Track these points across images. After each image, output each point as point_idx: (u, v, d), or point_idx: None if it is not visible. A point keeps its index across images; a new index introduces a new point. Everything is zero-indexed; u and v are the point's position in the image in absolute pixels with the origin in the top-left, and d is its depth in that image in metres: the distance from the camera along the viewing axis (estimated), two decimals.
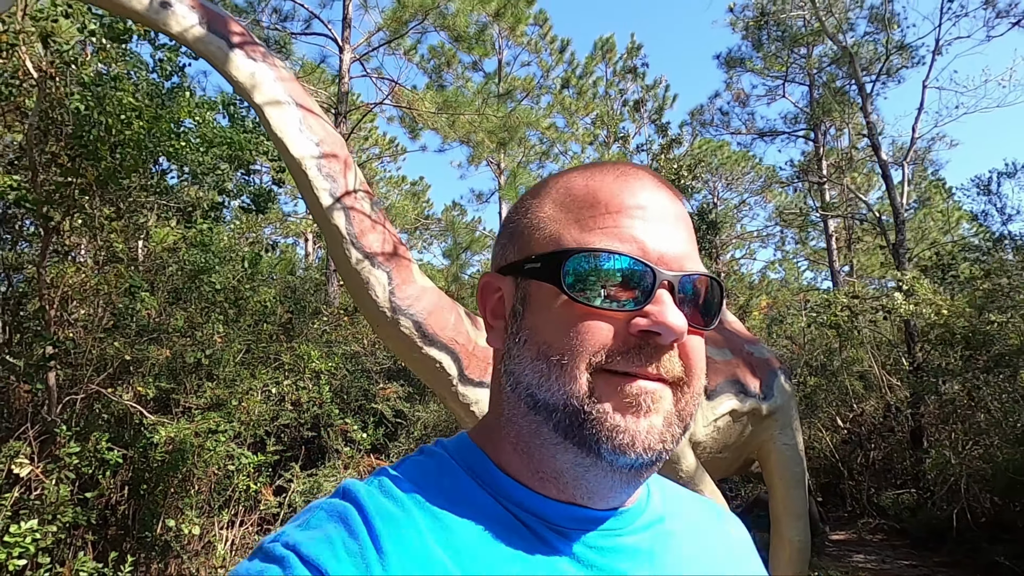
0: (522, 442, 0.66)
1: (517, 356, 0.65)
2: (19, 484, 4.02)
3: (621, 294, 0.62)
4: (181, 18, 3.36)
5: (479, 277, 0.85)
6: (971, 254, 6.98)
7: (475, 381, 4.11)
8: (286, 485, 5.83)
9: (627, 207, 0.65)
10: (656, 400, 0.61)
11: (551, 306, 0.63)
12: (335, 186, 3.67)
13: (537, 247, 0.67)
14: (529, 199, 0.73)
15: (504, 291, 0.70)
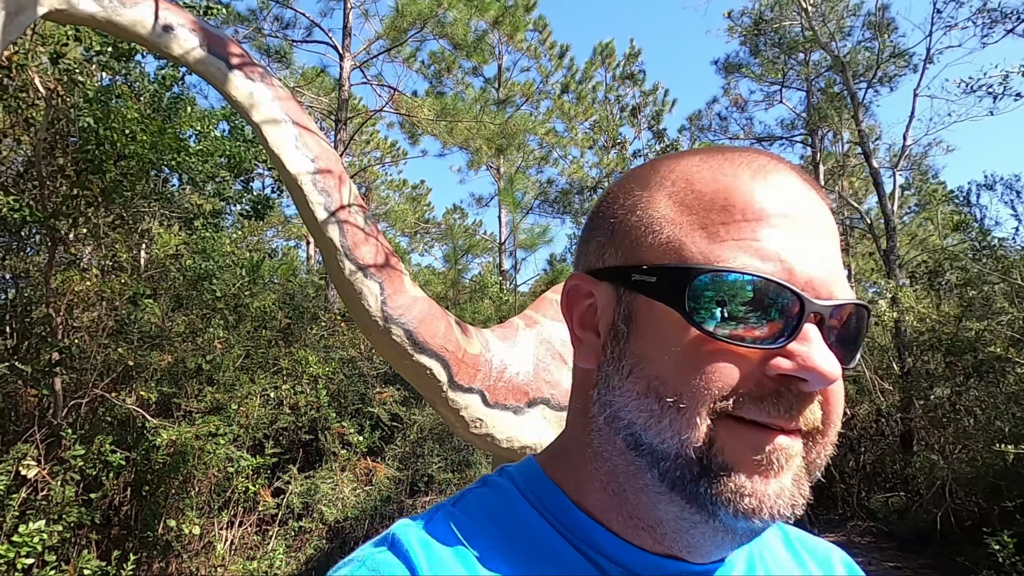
0: (615, 482, 0.56)
1: (618, 387, 0.54)
2: (26, 485, 4.19)
3: (759, 327, 0.50)
4: (183, 41, 3.53)
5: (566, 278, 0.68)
6: (956, 263, 7.13)
7: (464, 387, 4.28)
8: (284, 487, 5.99)
9: (769, 214, 0.53)
10: (789, 457, 0.51)
11: (668, 333, 0.52)
12: (329, 200, 3.83)
13: (651, 255, 0.55)
14: (635, 188, 0.60)
15: (599, 300, 0.59)
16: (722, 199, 0.54)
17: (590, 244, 0.63)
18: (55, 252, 4.59)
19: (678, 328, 0.52)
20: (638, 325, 0.55)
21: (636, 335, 0.55)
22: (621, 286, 0.57)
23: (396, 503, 7.20)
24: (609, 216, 0.61)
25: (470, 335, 4.47)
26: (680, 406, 0.51)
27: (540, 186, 19.00)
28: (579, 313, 0.62)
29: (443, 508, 0.61)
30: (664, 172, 0.59)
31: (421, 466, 7.66)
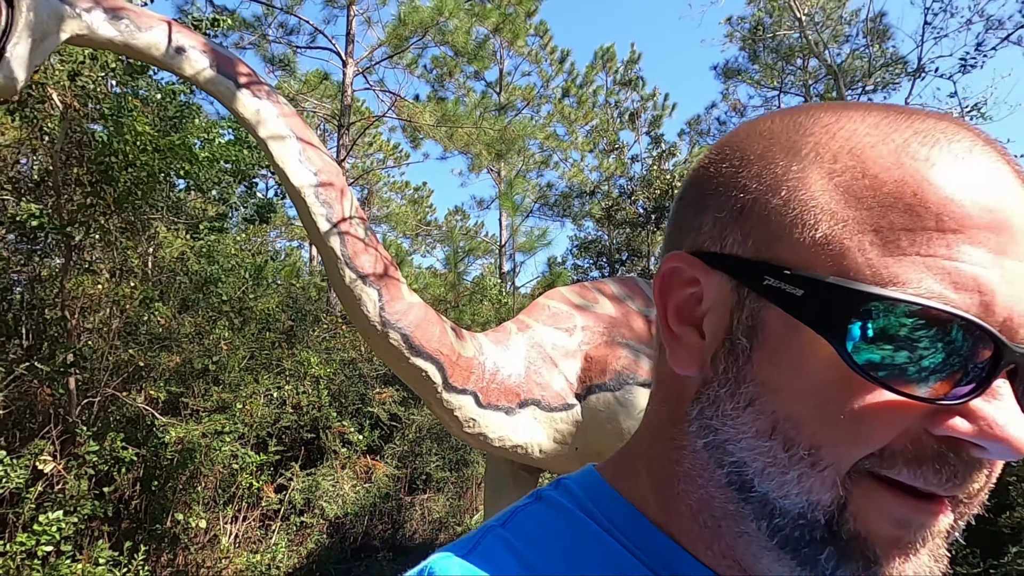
0: (707, 514, 0.47)
1: (731, 416, 0.44)
2: (42, 479, 4.42)
3: (937, 374, 0.39)
4: (194, 62, 3.77)
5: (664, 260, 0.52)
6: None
7: (458, 388, 4.51)
8: (286, 483, 6.22)
9: (974, 224, 0.39)
10: (937, 534, 0.42)
11: (811, 366, 0.41)
12: (331, 212, 4.07)
13: (797, 255, 0.42)
14: (778, 156, 0.46)
15: (707, 292, 0.47)
16: (909, 194, 0.40)
17: (702, 217, 0.49)
18: (70, 258, 4.82)
19: (826, 363, 0.40)
20: (767, 345, 0.43)
21: (762, 357, 0.43)
22: (745, 285, 0.44)
23: (395, 500, 7.43)
24: (736, 187, 0.47)
25: (464, 339, 4.70)
26: (817, 461, 0.40)
27: (540, 189, 19.21)
28: (676, 302, 0.49)
29: (491, 532, 0.50)
30: (822, 137, 0.45)
31: (419, 464, 7.89)
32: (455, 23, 10.75)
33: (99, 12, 3.50)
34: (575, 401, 5.01)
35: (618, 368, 5.07)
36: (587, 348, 5.30)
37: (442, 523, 7.99)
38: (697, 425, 0.47)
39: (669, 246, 0.53)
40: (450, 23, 10.77)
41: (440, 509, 8.07)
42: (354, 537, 6.79)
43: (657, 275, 0.51)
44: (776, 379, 0.43)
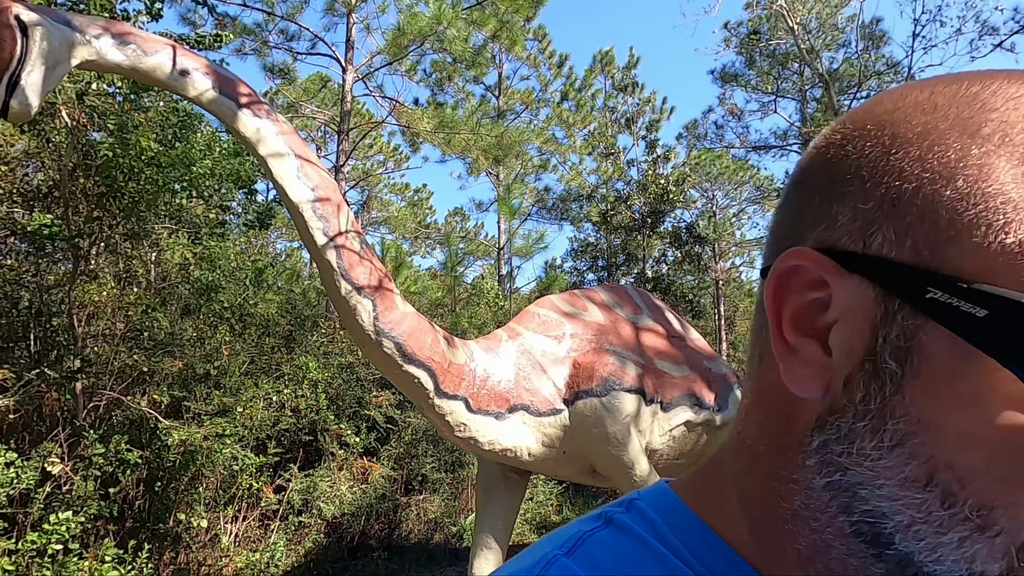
0: (824, 569, 0.41)
1: (870, 455, 0.37)
2: (50, 480, 4.61)
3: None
4: (197, 84, 3.96)
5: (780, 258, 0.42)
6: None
7: (449, 394, 4.71)
8: (285, 484, 6.41)
9: None
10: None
11: (988, 403, 0.34)
12: (328, 226, 4.27)
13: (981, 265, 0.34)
14: (948, 132, 0.37)
15: (838, 299, 0.39)
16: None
17: (836, 207, 0.41)
18: (78, 268, 5.02)
19: (1011, 402, 0.33)
20: (925, 373, 0.36)
21: (919, 387, 0.36)
22: (897, 296, 0.37)
23: (391, 500, 7.62)
24: (888, 171, 0.39)
25: (456, 346, 4.89)
26: (988, 524, 0.34)
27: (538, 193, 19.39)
28: (795, 308, 0.42)
29: (555, 562, 0.44)
30: (1010, 114, 0.36)
31: (415, 466, 8.08)
32: (453, 32, 10.92)
33: (108, 38, 3.69)
34: (563, 406, 5.20)
35: (605, 374, 5.26)
36: (575, 355, 5.49)
37: (437, 523, 8.17)
38: (818, 460, 0.40)
39: (785, 239, 0.44)
40: (448, 31, 10.95)
41: (435, 510, 8.26)
42: (351, 536, 6.97)
43: (772, 273, 0.42)
44: (938, 417, 0.35)
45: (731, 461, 0.48)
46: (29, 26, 3.34)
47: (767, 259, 0.46)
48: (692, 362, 6.25)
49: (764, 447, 0.45)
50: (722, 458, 0.50)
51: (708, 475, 0.51)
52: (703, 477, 0.51)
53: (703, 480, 0.51)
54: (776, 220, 0.46)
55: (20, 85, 3.27)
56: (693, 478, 0.52)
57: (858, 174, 0.40)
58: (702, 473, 0.52)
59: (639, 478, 5.17)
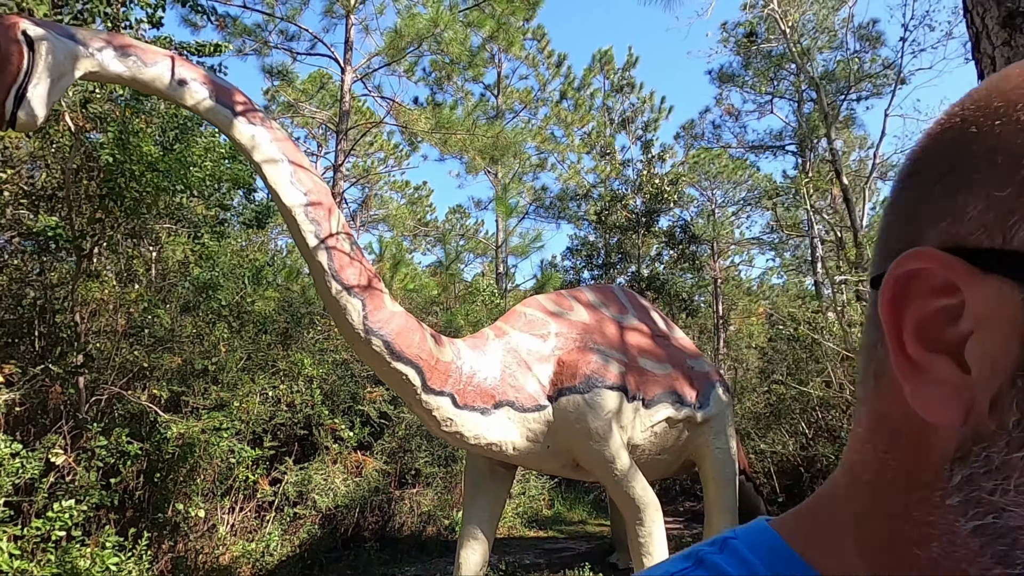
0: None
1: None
2: (54, 471, 4.81)
3: None
4: (195, 93, 4.16)
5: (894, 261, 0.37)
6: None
7: (436, 390, 4.91)
8: (280, 477, 6.61)
9: None
10: None
11: None
12: (319, 229, 4.46)
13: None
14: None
15: (973, 306, 0.35)
16: None
17: (963, 197, 0.36)
18: (80, 267, 5.22)
19: None
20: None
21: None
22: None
23: (385, 494, 7.82)
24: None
25: (443, 344, 5.10)
26: None
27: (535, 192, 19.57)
28: (918, 319, 0.37)
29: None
30: None
31: (409, 461, 8.28)
32: (449, 34, 11.10)
33: (109, 50, 3.89)
34: (547, 403, 5.41)
35: (588, 372, 5.47)
36: (560, 353, 5.69)
37: (430, 516, 8.38)
38: (961, 499, 0.35)
39: (899, 241, 0.40)
40: (445, 33, 11.12)
41: (428, 503, 8.47)
42: (345, 528, 7.18)
43: (888, 281, 0.38)
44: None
45: (845, 499, 0.43)
46: (35, 40, 3.54)
47: (878, 266, 0.41)
48: (675, 360, 6.44)
49: (888, 484, 0.39)
50: (833, 494, 0.44)
51: (816, 513, 0.45)
52: (810, 515, 0.45)
53: (810, 519, 0.45)
54: (887, 220, 0.42)
55: (27, 97, 3.47)
56: (798, 516, 0.46)
57: (989, 157, 0.35)
58: (809, 511, 0.45)
59: (619, 472, 5.38)
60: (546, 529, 9.48)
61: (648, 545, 5.41)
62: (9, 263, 5.08)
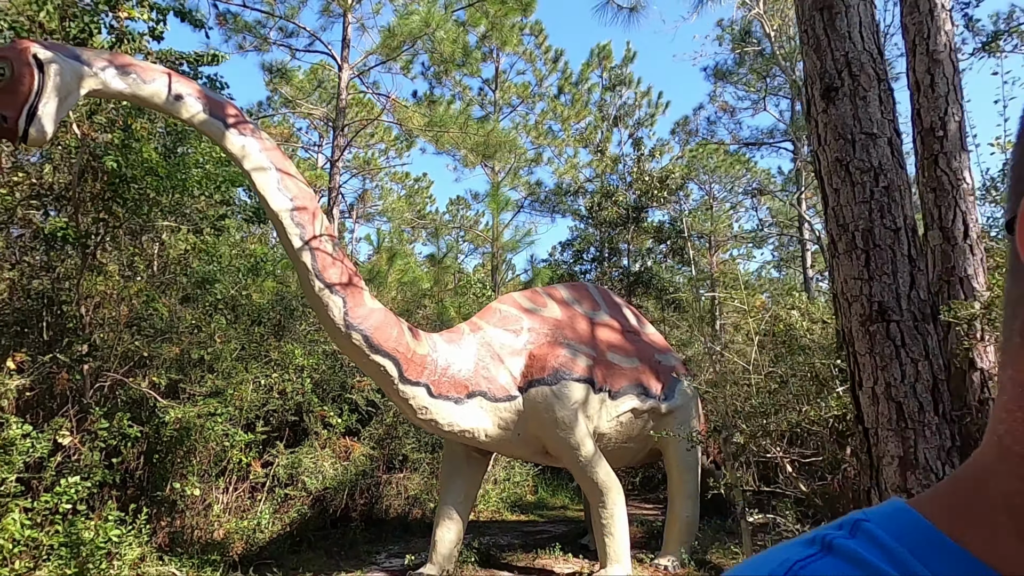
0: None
1: None
2: (61, 451, 5.24)
3: None
4: (190, 107, 4.55)
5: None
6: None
7: (412, 381, 5.32)
8: (272, 460, 7.04)
9: None
10: None
11: None
12: (304, 232, 4.85)
13: None
14: None
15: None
16: None
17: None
18: (86, 263, 5.63)
19: None
20: None
21: None
22: None
23: (373, 477, 8.25)
24: None
25: (420, 338, 5.50)
26: None
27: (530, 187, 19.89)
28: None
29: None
30: None
31: (396, 447, 8.71)
32: (441, 34, 11.42)
33: (112, 69, 4.29)
34: (518, 393, 5.83)
35: (556, 365, 5.88)
36: (532, 347, 6.10)
37: (416, 499, 8.82)
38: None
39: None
40: (437, 33, 11.45)
41: (415, 487, 8.91)
42: (333, 509, 7.62)
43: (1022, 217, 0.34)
44: None
45: (995, 474, 0.39)
46: (45, 63, 3.94)
47: (1012, 208, 0.37)
48: (643, 355, 6.84)
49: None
50: (981, 468, 0.41)
51: (961, 491, 0.41)
52: (956, 492, 0.41)
53: (955, 497, 0.41)
54: (1016, 157, 0.38)
55: (37, 115, 3.88)
56: (942, 494, 0.42)
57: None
58: (952, 489, 0.41)
59: (584, 458, 5.80)
60: (528, 513, 9.93)
61: (610, 526, 5.83)
62: (21, 260, 5.48)
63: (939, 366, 1.90)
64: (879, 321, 1.87)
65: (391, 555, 6.81)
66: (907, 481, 1.80)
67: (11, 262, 5.28)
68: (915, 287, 1.86)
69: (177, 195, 6.17)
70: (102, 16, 5.33)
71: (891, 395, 1.84)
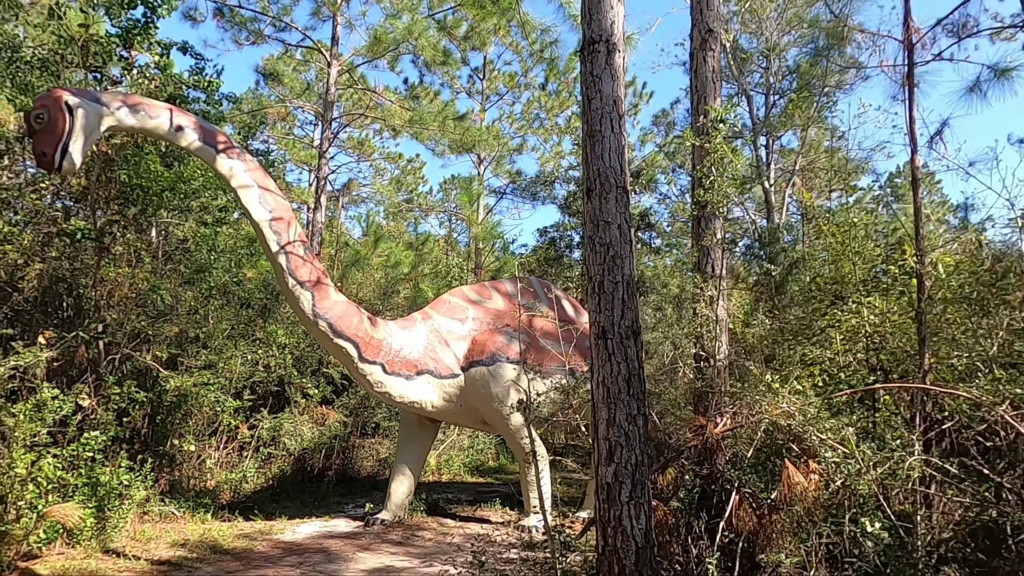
0: None
1: None
2: (82, 411, 6.40)
3: None
4: (187, 136, 5.63)
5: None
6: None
7: (370, 360, 6.48)
8: (256, 423, 8.23)
9: None
10: None
11: None
12: (280, 238, 5.97)
13: None
14: None
15: None
16: None
17: None
18: (100, 254, 6.75)
19: None
20: None
21: None
22: None
23: (346, 441, 9.47)
24: None
25: (377, 325, 6.65)
26: None
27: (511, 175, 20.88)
28: None
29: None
30: None
31: (369, 415, 9.92)
32: (423, 41, 12.39)
33: (125, 108, 5.37)
34: (460, 372, 7.00)
35: (493, 349, 7.04)
36: (474, 334, 7.27)
37: (386, 461, 10.05)
38: None
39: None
40: (419, 41, 12.42)
41: (385, 451, 10.13)
42: (311, 467, 8.84)
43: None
44: None
45: None
46: (73, 107, 5.04)
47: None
48: (575, 341, 7.99)
49: None
50: None
51: None
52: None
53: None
54: None
55: (68, 151, 4.98)
56: None
57: None
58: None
59: (514, 427, 7.00)
60: (487, 477, 11.18)
61: (534, 483, 7.03)
62: (47, 254, 6.59)
63: (633, 366, 3.03)
64: (602, 338, 3.00)
65: (357, 506, 8.04)
66: (609, 432, 2.96)
67: (40, 256, 6.39)
68: (624, 318, 2.98)
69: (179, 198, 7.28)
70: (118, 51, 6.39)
71: (605, 383, 2.98)
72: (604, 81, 3.09)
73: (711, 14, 5.70)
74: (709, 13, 5.70)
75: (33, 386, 5.81)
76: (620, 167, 3.03)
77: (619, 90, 3.17)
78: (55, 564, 5.11)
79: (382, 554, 5.86)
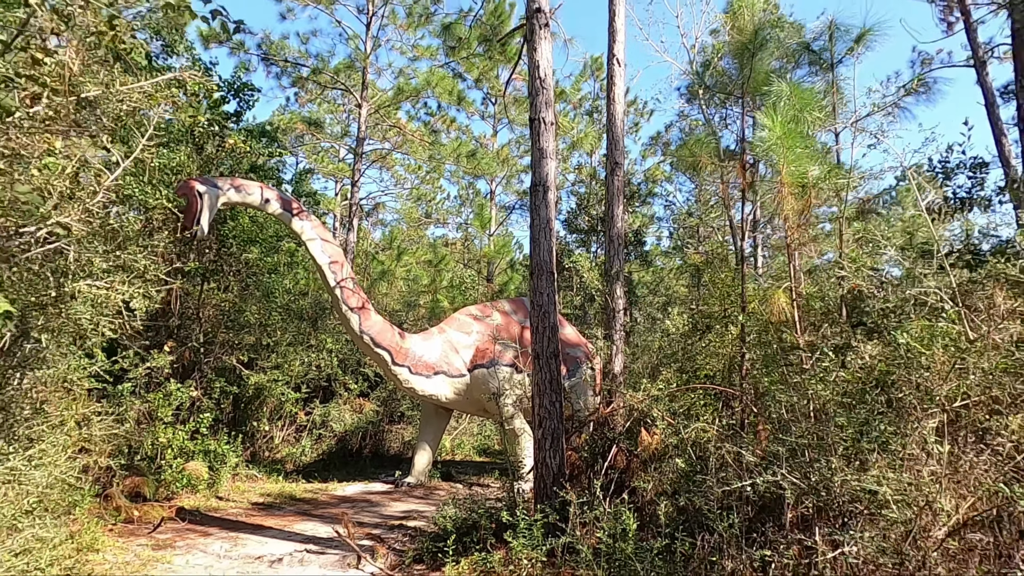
0: None
1: None
2: (192, 400, 8.83)
3: None
4: (272, 205, 7.99)
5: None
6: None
7: (399, 364, 8.84)
8: (311, 411, 10.64)
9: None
10: None
11: None
12: (335, 276, 8.33)
13: None
14: None
15: None
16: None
17: None
18: (203, 285, 9.17)
19: None
20: None
21: None
22: None
23: (379, 427, 11.86)
24: None
25: (404, 338, 9.01)
26: None
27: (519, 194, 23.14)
28: None
29: None
30: None
31: (396, 405, 12.31)
32: (440, 89, 14.72)
33: (232, 189, 7.73)
34: (466, 373, 9.32)
35: (492, 356, 9.35)
36: (478, 343, 9.56)
37: (410, 443, 12.42)
38: None
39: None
40: (435, 89, 14.75)
41: (409, 435, 12.52)
42: (352, 445, 11.24)
43: None
44: None
45: None
46: (201, 193, 7.36)
47: None
48: None
49: None
50: None
51: None
52: None
53: None
54: None
55: (200, 225, 7.30)
56: None
57: None
58: None
59: (506, 414, 9.27)
60: (491, 457, 13.53)
61: (519, 456, 9.33)
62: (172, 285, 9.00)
63: (554, 373, 5.30)
64: (537, 357, 5.31)
65: (388, 475, 10.41)
66: (539, 411, 5.22)
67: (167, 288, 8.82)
68: (549, 346, 5.28)
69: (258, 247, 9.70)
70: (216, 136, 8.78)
71: (539, 383, 5.24)
72: (542, 209, 5.33)
73: (618, 152, 8.05)
74: (616, 152, 8.06)
75: (159, 380, 8.23)
76: (550, 260, 5.25)
77: (551, 214, 5.42)
78: (188, 503, 7.54)
79: (409, 503, 8.22)
